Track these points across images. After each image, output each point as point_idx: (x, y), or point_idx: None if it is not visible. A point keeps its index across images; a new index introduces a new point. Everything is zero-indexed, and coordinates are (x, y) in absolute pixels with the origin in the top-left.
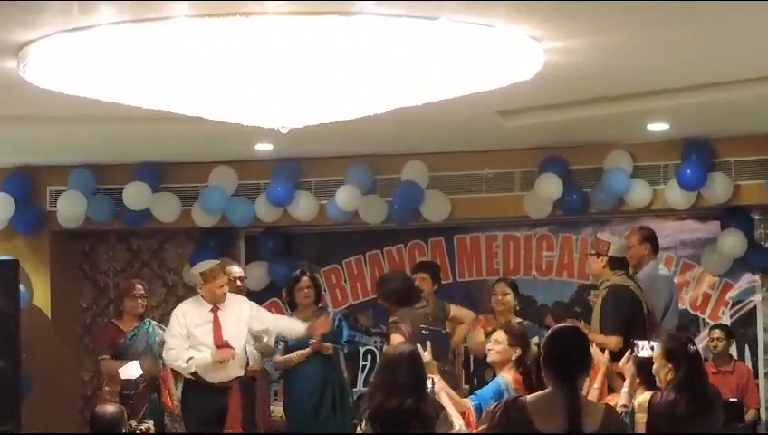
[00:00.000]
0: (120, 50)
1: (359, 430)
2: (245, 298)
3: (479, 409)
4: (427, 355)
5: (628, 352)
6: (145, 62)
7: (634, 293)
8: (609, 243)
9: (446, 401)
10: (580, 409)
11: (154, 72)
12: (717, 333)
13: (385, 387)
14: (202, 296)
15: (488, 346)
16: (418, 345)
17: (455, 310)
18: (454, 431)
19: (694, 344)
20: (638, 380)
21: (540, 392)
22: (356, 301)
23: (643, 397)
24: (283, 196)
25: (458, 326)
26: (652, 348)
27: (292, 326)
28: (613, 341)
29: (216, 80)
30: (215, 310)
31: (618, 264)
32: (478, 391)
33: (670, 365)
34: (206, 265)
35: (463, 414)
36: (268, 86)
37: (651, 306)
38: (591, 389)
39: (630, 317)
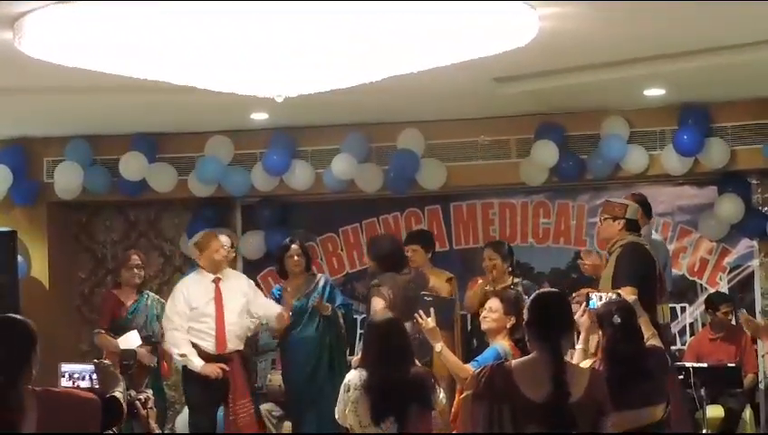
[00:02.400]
0: (115, 20)
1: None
2: (245, 276)
3: None
4: (430, 322)
5: (583, 304)
6: (139, 32)
7: (650, 252)
8: (627, 205)
9: (450, 365)
10: (564, 369)
11: (149, 42)
12: (726, 307)
13: (380, 356)
14: (202, 268)
15: (483, 314)
16: (421, 312)
17: (433, 280)
18: (438, 400)
19: (621, 316)
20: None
21: (524, 357)
22: (353, 269)
23: (584, 363)
24: (279, 165)
25: None
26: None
27: (271, 312)
28: (627, 292)
29: (210, 48)
30: (217, 281)
31: (632, 226)
32: (479, 358)
33: (600, 331)
34: (198, 235)
35: (465, 380)
36: (263, 55)
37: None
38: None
39: (645, 273)
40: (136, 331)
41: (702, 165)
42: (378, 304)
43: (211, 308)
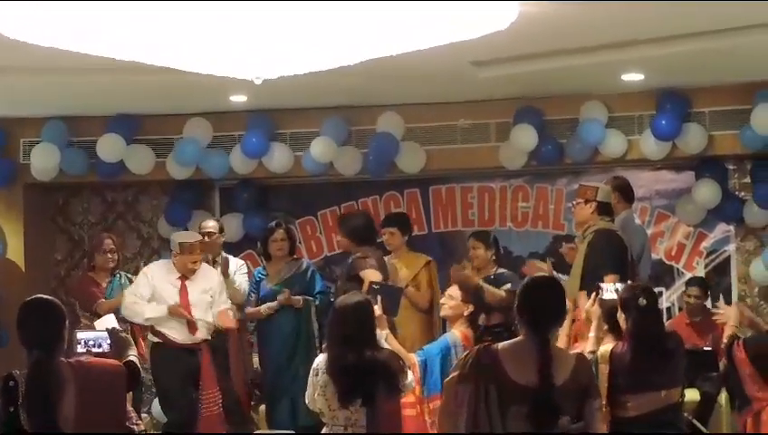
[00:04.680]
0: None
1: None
2: (219, 276)
3: (424, 365)
4: (377, 310)
5: (594, 294)
6: (117, 13)
7: (621, 239)
8: (597, 188)
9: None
10: (551, 358)
11: (126, 23)
12: (695, 290)
13: (338, 339)
14: (173, 263)
15: (442, 301)
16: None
17: (407, 263)
18: (406, 383)
19: (646, 298)
20: (605, 328)
21: (512, 340)
22: (331, 252)
23: (605, 348)
24: (258, 147)
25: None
26: (616, 291)
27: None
28: (612, 279)
29: (189, 29)
30: (183, 278)
31: (604, 210)
32: (425, 347)
33: (624, 316)
34: (188, 237)
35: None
36: (241, 36)
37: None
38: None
39: (619, 260)
40: (113, 314)
41: (679, 150)
42: (374, 275)
43: (173, 301)
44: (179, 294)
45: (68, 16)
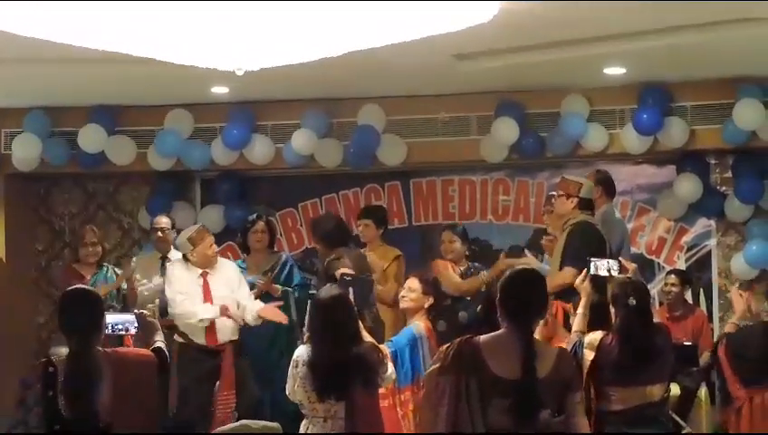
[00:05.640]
0: None
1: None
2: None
3: (395, 355)
4: None
5: (585, 270)
6: (99, 4)
7: (600, 232)
8: (581, 184)
9: None
10: (534, 352)
11: (108, 13)
12: (672, 279)
13: (323, 333)
14: (192, 263)
15: (401, 294)
16: None
17: (375, 257)
18: (386, 376)
19: (636, 298)
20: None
21: (493, 333)
22: (312, 245)
23: (594, 335)
24: (239, 139)
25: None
26: (609, 270)
27: (251, 308)
28: (570, 272)
29: (171, 20)
30: (204, 275)
31: (585, 205)
32: (393, 338)
33: (614, 310)
34: (191, 229)
35: None
36: (224, 27)
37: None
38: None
39: (596, 251)
40: None
41: (661, 144)
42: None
43: (198, 301)
44: (202, 291)
45: (49, 7)
